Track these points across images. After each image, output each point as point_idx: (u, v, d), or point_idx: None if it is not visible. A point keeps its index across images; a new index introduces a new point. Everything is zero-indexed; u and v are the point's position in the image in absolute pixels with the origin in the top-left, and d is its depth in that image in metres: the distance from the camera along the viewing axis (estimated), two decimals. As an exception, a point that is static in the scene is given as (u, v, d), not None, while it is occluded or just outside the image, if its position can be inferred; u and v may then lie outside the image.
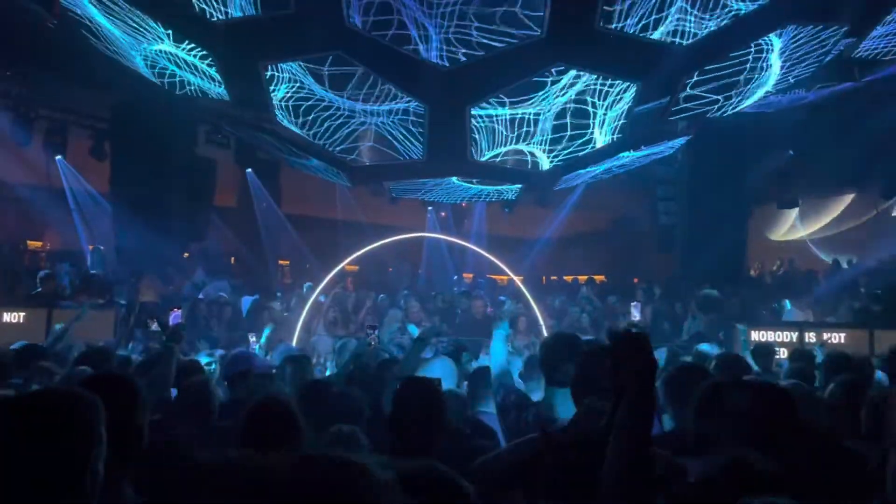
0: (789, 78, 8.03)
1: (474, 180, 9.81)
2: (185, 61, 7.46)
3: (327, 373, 6.09)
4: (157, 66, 7.74)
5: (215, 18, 6.52)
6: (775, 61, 7.51)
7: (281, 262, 14.92)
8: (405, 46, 6.71)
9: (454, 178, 9.66)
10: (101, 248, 11.81)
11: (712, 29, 6.67)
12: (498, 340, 3.93)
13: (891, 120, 9.90)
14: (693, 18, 6.60)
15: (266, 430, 2.71)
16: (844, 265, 14.00)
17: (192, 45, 7.09)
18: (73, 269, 10.94)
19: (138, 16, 6.78)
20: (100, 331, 6.87)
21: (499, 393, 3.59)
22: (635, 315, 7.10)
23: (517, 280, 10.39)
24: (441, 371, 4.18)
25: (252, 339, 7.39)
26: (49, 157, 12.18)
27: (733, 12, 6.54)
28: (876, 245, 13.63)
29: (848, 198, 15.70)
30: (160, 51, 7.41)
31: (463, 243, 11.68)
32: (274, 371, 4.71)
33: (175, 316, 5.21)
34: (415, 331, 7.31)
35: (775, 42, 7.24)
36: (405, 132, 7.91)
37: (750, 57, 7.26)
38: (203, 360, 5.72)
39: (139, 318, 7.73)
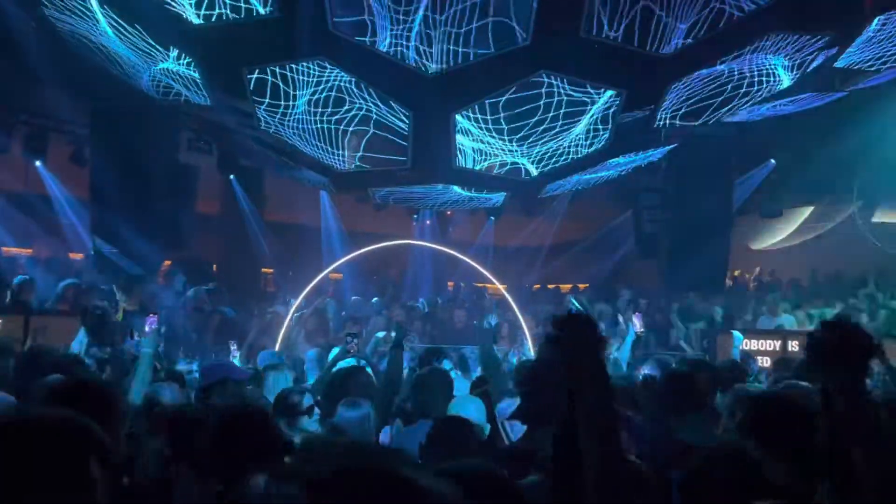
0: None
1: (472, 189, 9.74)
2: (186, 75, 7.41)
3: (308, 382, 6.01)
4: (158, 79, 7.71)
5: (195, 23, 6.44)
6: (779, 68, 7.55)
7: (264, 269, 14.79)
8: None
9: (455, 187, 9.59)
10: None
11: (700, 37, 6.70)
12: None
13: (873, 129, 9.99)
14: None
15: (239, 437, 2.63)
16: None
17: (172, 48, 7.01)
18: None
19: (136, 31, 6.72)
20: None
21: None
22: (637, 326, 6.99)
23: (502, 288, 10.34)
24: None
25: (233, 346, 7.28)
26: (28, 162, 12.00)
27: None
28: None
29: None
30: (165, 70, 7.37)
31: (448, 251, 11.61)
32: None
33: (151, 321, 5.09)
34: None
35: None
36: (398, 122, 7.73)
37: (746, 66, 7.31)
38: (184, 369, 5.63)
39: (124, 325, 7.59)
